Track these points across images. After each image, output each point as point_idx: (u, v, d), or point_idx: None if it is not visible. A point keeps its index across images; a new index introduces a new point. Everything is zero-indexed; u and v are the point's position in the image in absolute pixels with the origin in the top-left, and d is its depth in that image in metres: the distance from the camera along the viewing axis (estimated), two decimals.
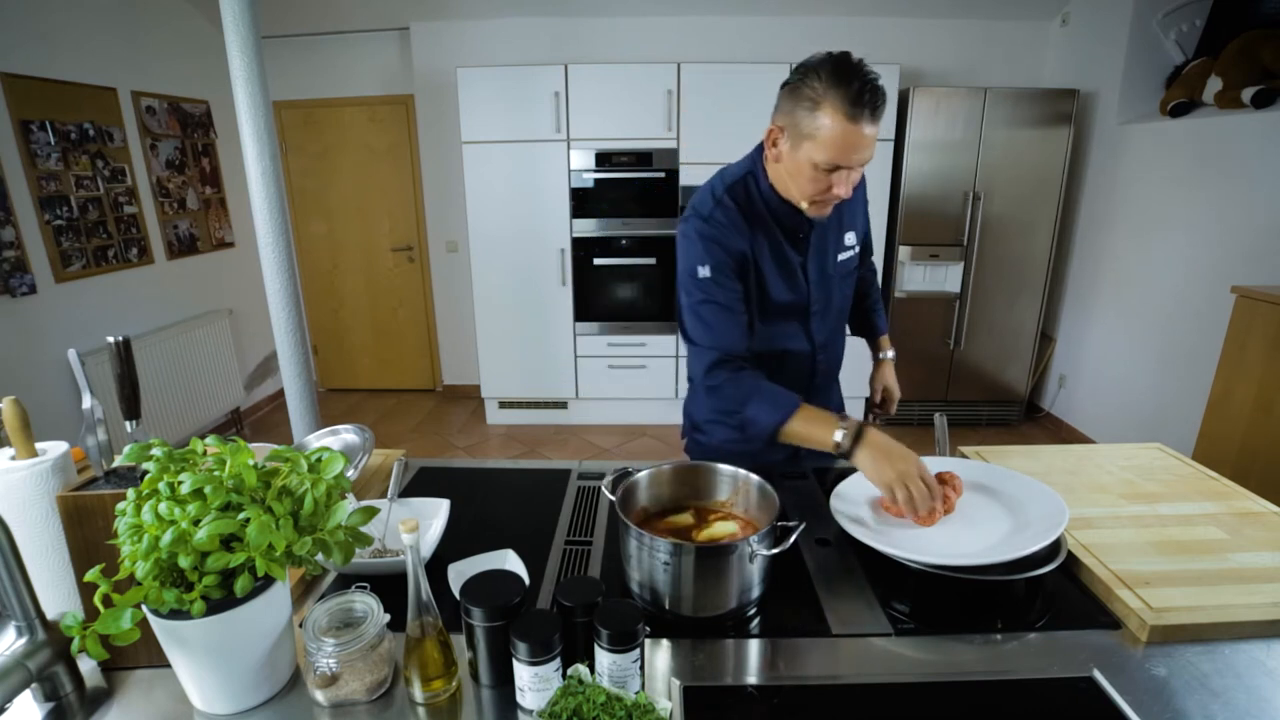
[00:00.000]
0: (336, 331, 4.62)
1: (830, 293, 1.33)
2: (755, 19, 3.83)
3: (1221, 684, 0.78)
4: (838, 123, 1.04)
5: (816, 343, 1.35)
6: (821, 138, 1.06)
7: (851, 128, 1.03)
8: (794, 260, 1.27)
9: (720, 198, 1.22)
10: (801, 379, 1.37)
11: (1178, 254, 3.08)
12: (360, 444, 1.27)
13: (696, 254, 1.20)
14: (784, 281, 1.27)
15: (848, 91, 1.01)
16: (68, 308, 2.92)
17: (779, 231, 1.24)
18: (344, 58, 4.09)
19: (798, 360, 1.35)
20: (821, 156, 1.07)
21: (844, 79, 1.02)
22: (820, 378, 1.39)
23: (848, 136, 1.04)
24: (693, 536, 1.00)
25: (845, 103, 1.02)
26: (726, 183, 1.24)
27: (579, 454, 3.76)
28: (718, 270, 1.19)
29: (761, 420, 1.15)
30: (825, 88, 1.03)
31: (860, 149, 1.06)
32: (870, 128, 1.04)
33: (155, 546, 0.67)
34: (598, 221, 3.72)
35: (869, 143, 1.06)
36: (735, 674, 0.83)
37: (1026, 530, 0.98)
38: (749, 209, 1.23)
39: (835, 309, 1.37)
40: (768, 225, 1.24)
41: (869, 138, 1.05)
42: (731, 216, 1.21)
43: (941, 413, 1.33)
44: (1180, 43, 3.27)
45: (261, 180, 1.94)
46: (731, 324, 1.20)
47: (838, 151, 1.06)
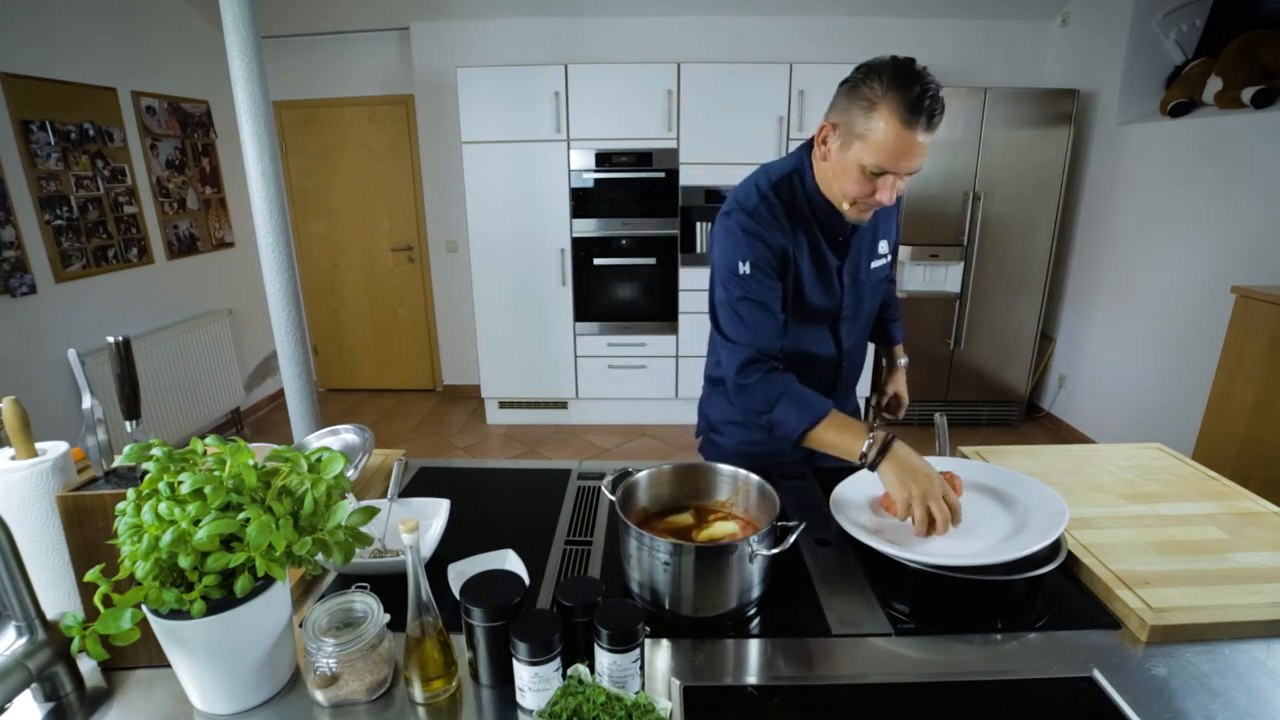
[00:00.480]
0: (336, 331, 4.62)
1: (861, 299, 1.33)
2: (755, 19, 3.83)
3: (1221, 684, 0.78)
4: (892, 127, 1.02)
5: (844, 348, 1.35)
6: (873, 140, 1.05)
7: (905, 133, 1.02)
8: (832, 263, 1.26)
9: (765, 193, 1.20)
10: (825, 383, 1.36)
11: (1178, 254, 3.08)
12: (360, 444, 1.27)
13: (739, 249, 1.18)
14: (820, 284, 1.26)
15: (907, 96, 1.00)
16: (68, 308, 2.92)
17: (820, 233, 1.23)
18: (344, 58, 4.09)
19: (824, 364, 1.35)
20: (871, 159, 1.06)
21: (905, 84, 1.01)
22: (843, 383, 1.40)
23: (900, 142, 1.03)
24: (693, 536, 1.00)
25: (903, 107, 1.01)
26: (772, 178, 1.22)
27: (579, 454, 3.76)
28: (758, 267, 1.17)
29: (790, 423, 1.14)
30: (885, 90, 1.02)
31: (911, 156, 1.05)
32: (924, 136, 1.03)
33: (155, 546, 0.67)
34: (598, 221, 3.72)
35: (920, 151, 1.05)
36: (735, 674, 0.83)
37: (1026, 530, 0.98)
38: (793, 206, 1.21)
39: (865, 315, 1.37)
40: (809, 225, 1.22)
41: (921, 146, 1.04)
42: (775, 212, 1.19)
43: (941, 413, 1.33)
44: (1180, 43, 3.27)
45: (261, 180, 1.94)
46: (768, 323, 1.19)
47: (888, 155, 1.05)
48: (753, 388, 1.18)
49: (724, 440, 1.42)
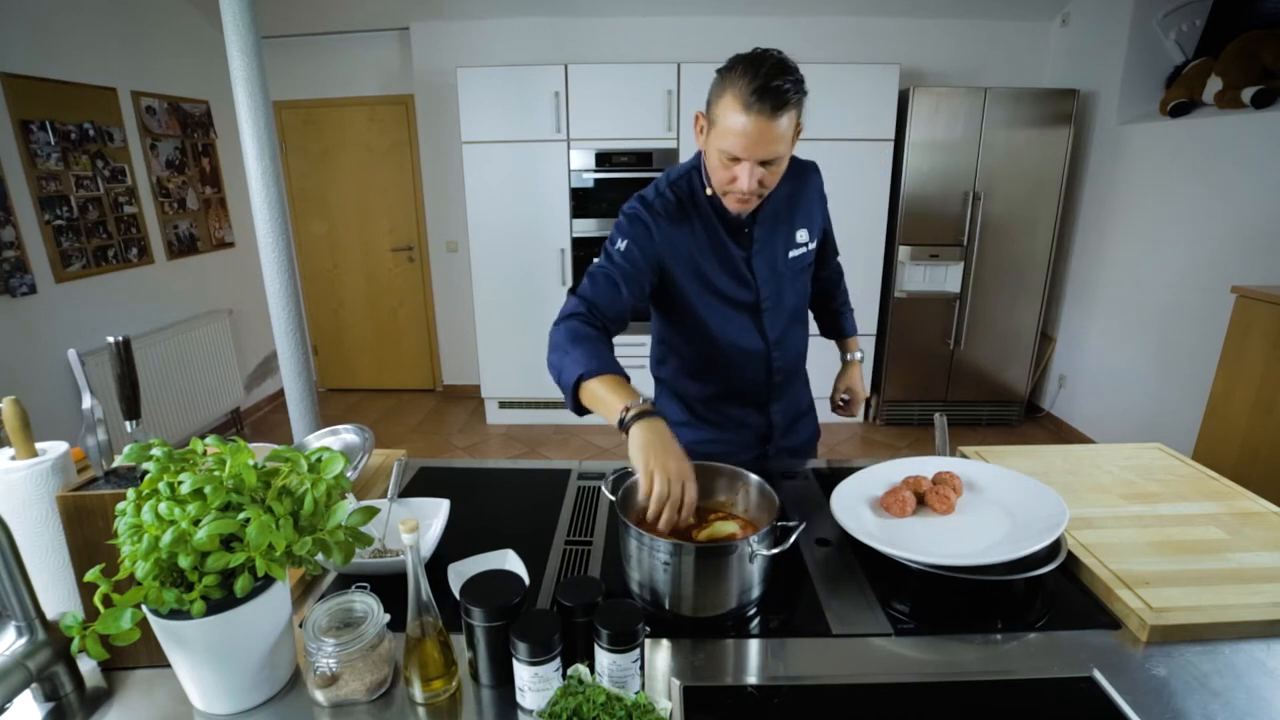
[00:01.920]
0: (336, 331, 4.62)
1: (781, 289, 1.33)
2: (755, 19, 3.84)
3: (1221, 684, 0.78)
4: (735, 111, 1.04)
5: (770, 339, 1.34)
6: (722, 125, 1.07)
7: (744, 118, 1.03)
8: (736, 255, 1.27)
9: (663, 189, 1.25)
10: (759, 377, 1.36)
11: (1177, 254, 3.08)
12: (360, 444, 1.27)
13: (622, 229, 1.23)
14: (726, 274, 1.27)
15: (750, 82, 1.02)
16: (68, 308, 2.92)
17: (720, 226, 1.25)
18: (344, 58, 4.09)
19: (752, 357, 1.34)
20: (722, 144, 1.08)
21: (750, 70, 1.02)
22: (779, 375, 1.38)
23: (744, 126, 1.04)
24: (693, 536, 1.00)
25: (745, 91, 1.02)
26: (671, 177, 1.27)
27: (579, 454, 3.75)
28: (631, 249, 1.20)
29: (569, 369, 1.05)
30: (734, 75, 1.04)
31: (758, 142, 1.05)
32: (769, 122, 1.03)
33: (155, 546, 0.67)
34: (598, 221, 3.72)
35: (771, 138, 1.05)
36: (735, 674, 0.83)
37: (1026, 530, 0.98)
38: (690, 201, 1.25)
39: (788, 305, 1.35)
40: (708, 218, 1.25)
41: (770, 132, 1.04)
42: (668, 207, 1.23)
43: (941, 413, 1.33)
44: (1180, 43, 3.28)
45: (261, 180, 1.94)
46: (614, 293, 1.18)
47: (734, 139, 1.06)
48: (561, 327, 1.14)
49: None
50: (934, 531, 1.03)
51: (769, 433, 1.42)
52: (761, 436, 1.42)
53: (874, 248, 3.73)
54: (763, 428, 1.41)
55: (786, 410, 1.43)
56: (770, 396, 1.39)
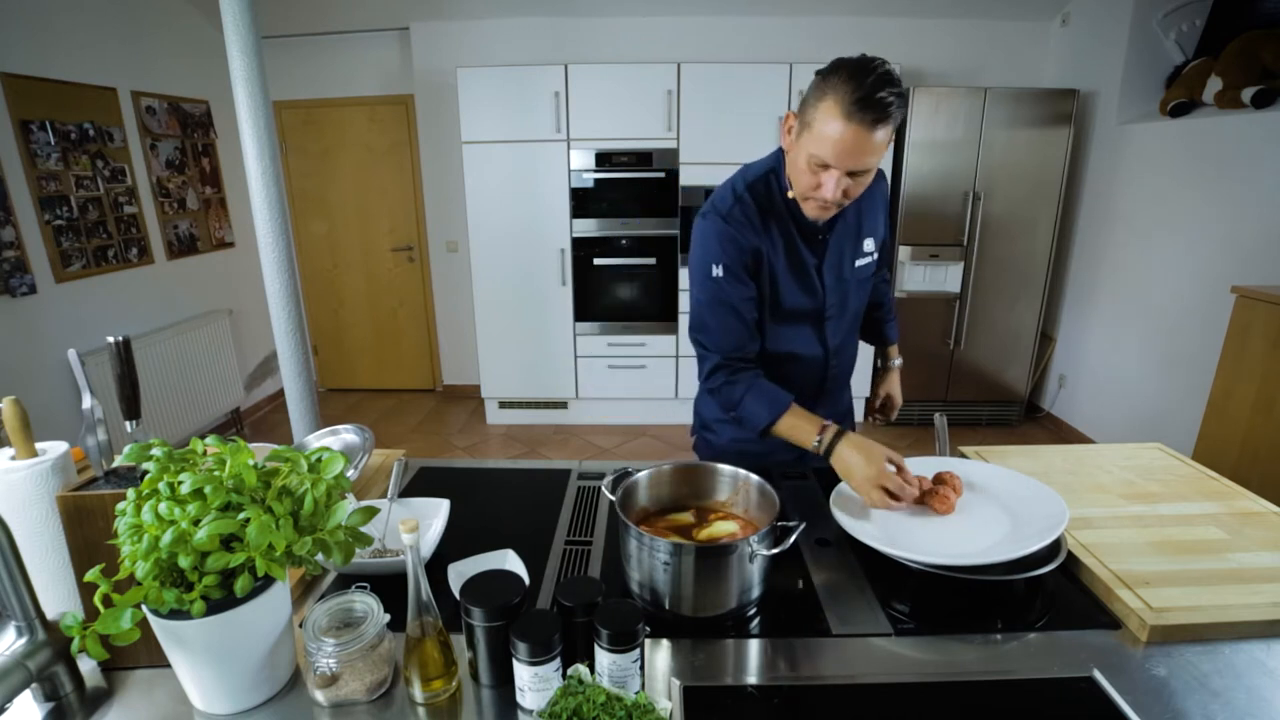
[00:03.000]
0: (336, 331, 4.62)
1: (846, 297, 1.33)
2: (755, 19, 3.83)
3: (1221, 684, 0.78)
4: (834, 117, 1.02)
5: (830, 347, 1.34)
6: (816, 129, 1.05)
7: (844, 126, 1.01)
8: (809, 262, 1.26)
9: (740, 194, 1.22)
10: (813, 382, 1.37)
11: (1178, 254, 3.08)
12: (360, 444, 1.27)
13: (712, 252, 1.20)
14: (797, 282, 1.26)
15: (855, 90, 0.99)
16: (68, 308, 2.92)
17: (796, 231, 1.23)
18: (344, 58, 4.09)
19: (810, 364, 1.35)
20: (813, 149, 1.07)
21: (856, 77, 1.00)
22: (831, 382, 1.40)
23: (840, 134, 1.02)
24: (693, 536, 1.00)
25: (847, 99, 1.00)
26: (748, 179, 1.24)
27: (579, 454, 3.76)
28: (730, 270, 1.19)
29: (753, 417, 1.19)
30: (838, 81, 1.02)
31: (852, 152, 1.03)
32: (867, 134, 1.01)
33: (155, 546, 0.67)
34: (598, 221, 3.72)
35: (866, 149, 1.03)
36: (735, 674, 0.83)
37: (1026, 530, 0.98)
38: (768, 205, 1.22)
39: (850, 314, 1.36)
40: (785, 223, 1.23)
41: (866, 143, 1.02)
42: (749, 213, 1.20)
43: (941, 413, 1.33)
44: (1180, 43, 3.27)
45: (261, 180, 1.94)
46: (738, 326, 1.21)
47: (828, 146, 1.04)
48: (719, 391, 1.24)
49: (716, 438, 1.42)
50: (934, 531, 1.03)
51: None
52: None
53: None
54: None
55: (831, 413, 1.43)
56: (820, 400, 1.40)
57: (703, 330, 1.23)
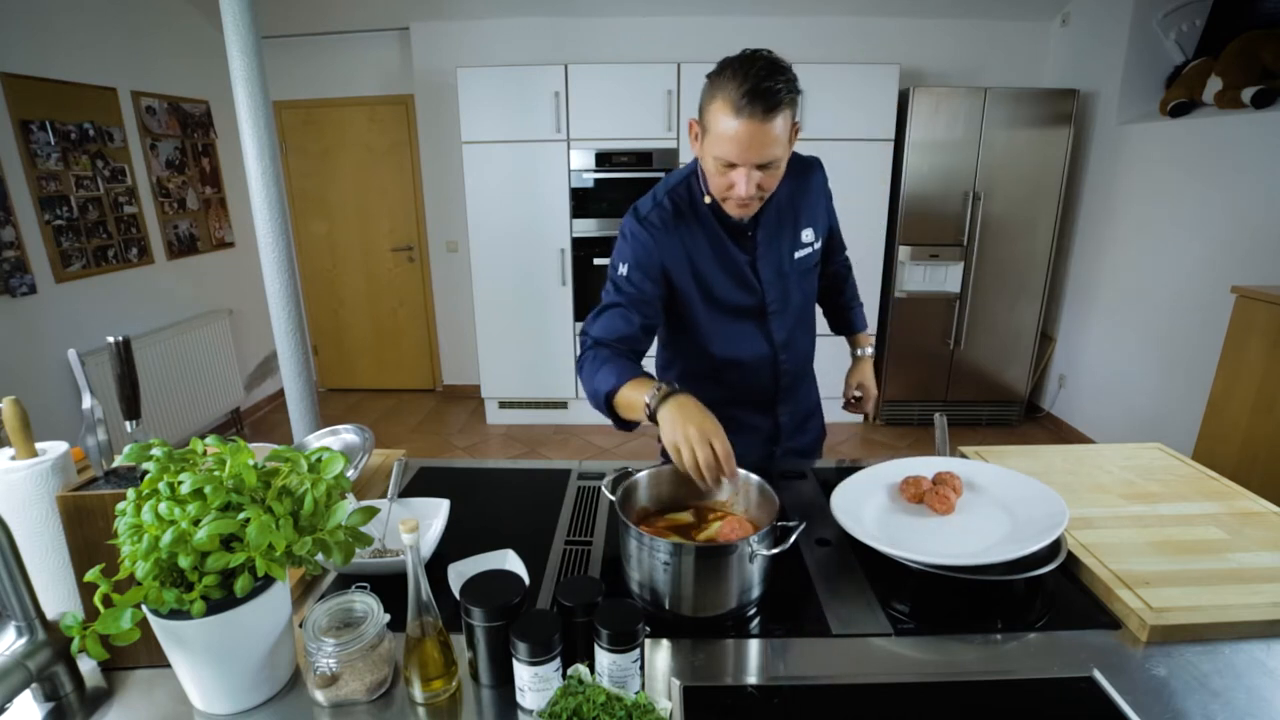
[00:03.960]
0: (336, 331, 4.62)
1: (788, 291, 1.31)
2: (755, 19, 3.84)
3: (1221, 684, 0.78)
4: (726, 115, 1.02)
5: (777, 342, 1.33)
6: (715, 131, 1.06)
7: (736, 123, 1.01)
8: (739, 259, 1.25)
9: (660, 199, 1.24)
10: (766, 382, 1.36)
11: (1177, 254, 3.08)
12: (360, 444, 1.27)
13: (623, 251, 1.22)
14: (730, 280, 1.26)
15: (739, 83, 1.00)
16: (68, 308, 2.92)
17: (722, 231, 1.24)
18: (344, 58, 4.09)
19: (759, 363, 1.33)
20: (716, 150, 1.07)
21: (740, 73, 1.01)
22: (786, 378, 1.37)
23: (735, 131, 1.02)
24: (693, 536, 1.00)
25: (735, 95, 1.01)
26: (670, 184, 1.25)
27: (579, 454, 3.76)
28: (634, 270, 1.20)
29: (600, 387, 1.10)
30: (723, 79, 1.03)
31: (753, 146, 1.03)
32: (762, 125, 1.01)
33: (155, 546, 0.67)
34: (598, 221, 3.72)
35: (766, 141, 1.03)
36: (735, 674, 0.83)
37: (1026, 530, 0.98)
38: (690, 209, 1.23)
39: (795, 307, 1.34)
40: (709, 224, 1.23)
41: (765, 135, 1.02)
42: (666, 218, 1.22)
43: (941, 413, 1.33)
44: (1180, 43, 3.27)
45: (261, 180, 1.94)
46: (622, 325, 1.19)
47: (729, 145, 1.04)
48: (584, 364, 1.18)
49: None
50: (934, 531, 1.03)
51: (776, 434, 1.42)
52: (769, 438, 1.42)
53: (874, 248, 3.73)
54: (770, 430, 1.41)
55: (794, 412, 1.43)
56: (777, 399, 1.39)
57: (593, 320, 1.21)
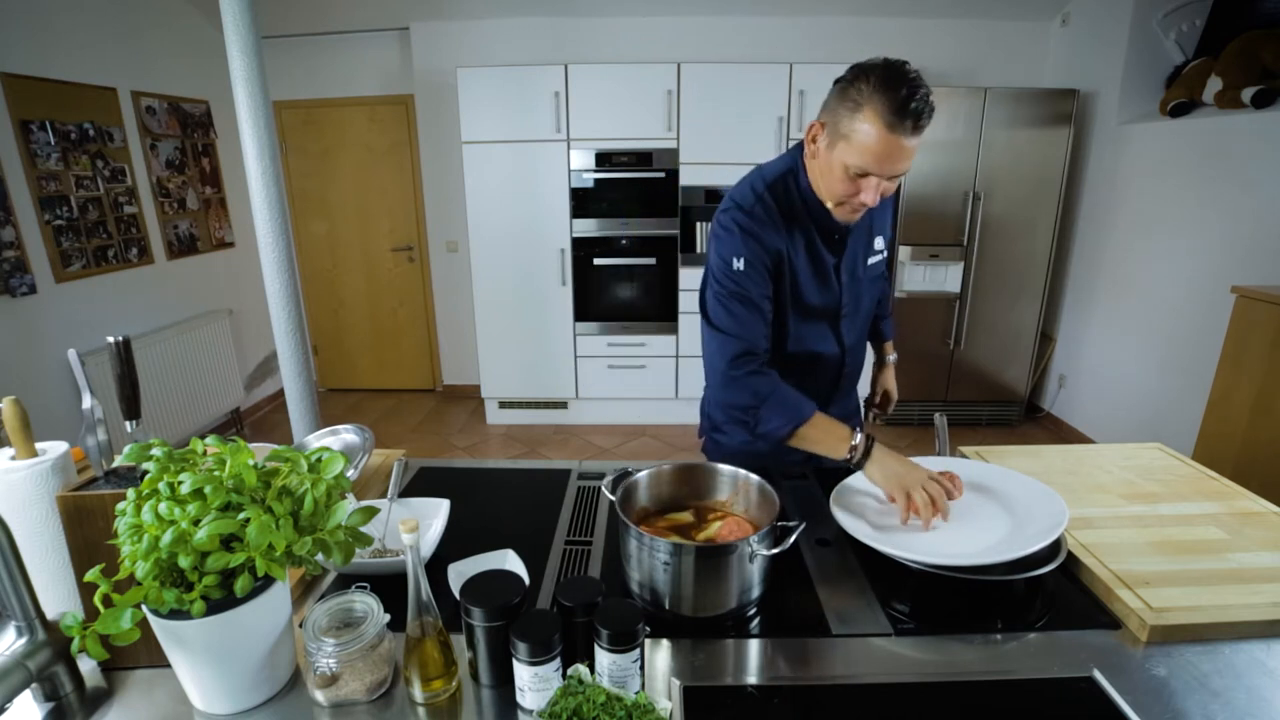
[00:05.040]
0: (336, 331, 4.62)
1: (860, 295, 1.34)
2: (755, 19, 3.83)
3: (1221, 684, 0.78)
4: (876, 129, 1.02)
5: (846, 345, 1.35)
6: (857, 141, 1.05)
7: (888, 136, 1.02)
8: (828, 261, 1.26)
9: (761, 193, 1.22)
10: (828, 381, 1.38)
11: (1178, 254, 3.08)
12: (360, 444, 1.27)
13: (734, 245, 1.19)
14: (816, 282, 1.27)
15: (893, 99, 1.00)
16: (68, 308, 2.92)
17: (815, 231, 1.24)
18: (344, 58, 4.09)
19: (828, 362, 1.35)
20: (854, 160, 1.06)
21: (892, 86, 1.00)
22: (845, 380, 1.40)
23: (884, 144, 1.03)
24: (693, 536, 1.00)
25: (888, 110, 1.00)
26: (767, 179, 1.24)
27: (579, 454, 3.76)
28: (751, 265, 1.19)
29: (774, 423, 1.16)
30: (871, 91, 1.02)
31: (894, 159, 1.05)
32: (909, 140, 1.03)
33: (155, 546, 0.67)
34: (598, 221, 3.72)
35: (905, 154, 1.04)
36: (735, 674, 0.83)
37: (1026, 530, 0.98)
38: (787, 206, 1.22)
39: (864, 312, 1.37)
40: (805, 224, 1.23)
41: (906, 149, 1.04)
42: (770, 213, 1.20)
43: (941, 413, 1.33)
44: (1180, 43, 3.27)
45: (261, 180, 1.94)
46: (758, 319, 1.20)
47: (871, 157, 1.05)
48: (743, 380, 1.19)
49: (727, 440, 1.41)
50: (934, 531, 1.03)
51: None
52: None
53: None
54: None
55: (842, 412, 1.44)
56: (833, 398, 1.41)
57: (724, 318, 1.21)
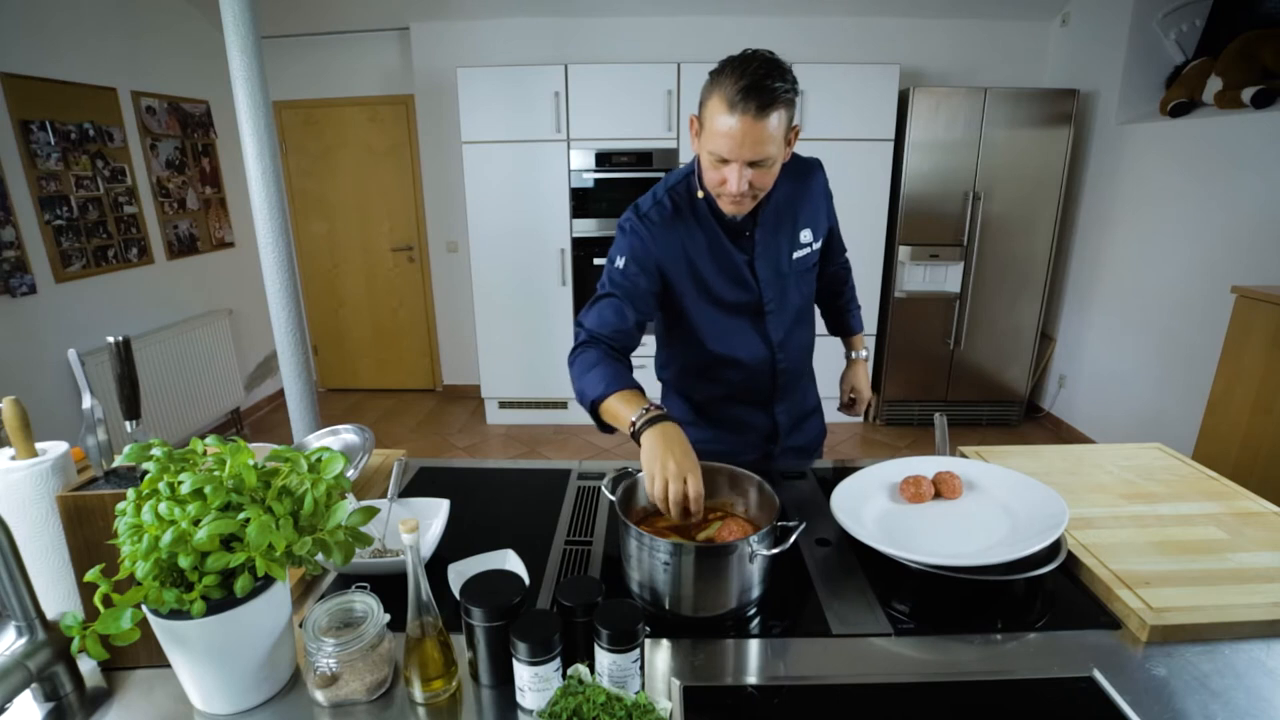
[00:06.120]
0: (336, 331, 4.62)
1: (785, 290, 1.32)
2: (755, 19, 3.83)
3: (1221, 684, 0.78)
4: (721, 111, 1.05)
5: (774, 342, 1.33)
6: (710, 128, 1.08)
7: (730, 119, 1.03)
8: (738, 258, 1.26)
9: (660, 198, 1.25)
10: (763, 379, 1.36)
11: (1178, 254, 3.08)
12: (360, 444, 1.27)
13: (620, 245, 1.24)
14: (727, 279, 1.26)
15: (736, 82, 1.02)
16: (68, 308, 2.92)
17: (720, 230, 1.25)
18: (344, 58, 4.09)
19: (756, 361, 1.34)
20: (711, 146, 1.09)
21: (738, 70, 1.03)
22: (784, 377, 1.37)
23: (729, 126, 1.04)
24: (692, 536, 1.00)
25: (730, 92, 1.03)
26: (669, 182, 1.27)
27: (579, 454, 3.75)
28: (630, 263, 1.21)
29: (588, 392, 1.11)
30: (721, 77, 1.05)
31: (744, 143, 1.05)
32: (756, 122, 1.02)
33: (155, 546, 0.67)
34: (598, 221, 3.72)
35: (757, 138, 1.04)
36: (735, 674, 0.83)
37: (1027, 530, 0.98)
38: (689, 207, 1.24)
39: (792, 307, 1.34)
40: (707, 223, 1.24)
41: (757, 132, 1.03)
42: (665, 215, 1.23)
43: (941, 413, 1.33)
44: (1180, 43, 3.27)
45: (261, 180, 1.94)
46: (615, 316, 1.20)
47: (723, 141, 1.06)
48: (574, 361, 1.19)
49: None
50: (934, 531, 1.03)
51: (774, 433, 1.42)
52: (767, 436, 1.42)
53: (874, 248, 3.73)
54: (768, 428, 1.41)
55: (791, 410, 1.43)
56: (775, 397, 1.39)
57: (587, 311, 1.23)
